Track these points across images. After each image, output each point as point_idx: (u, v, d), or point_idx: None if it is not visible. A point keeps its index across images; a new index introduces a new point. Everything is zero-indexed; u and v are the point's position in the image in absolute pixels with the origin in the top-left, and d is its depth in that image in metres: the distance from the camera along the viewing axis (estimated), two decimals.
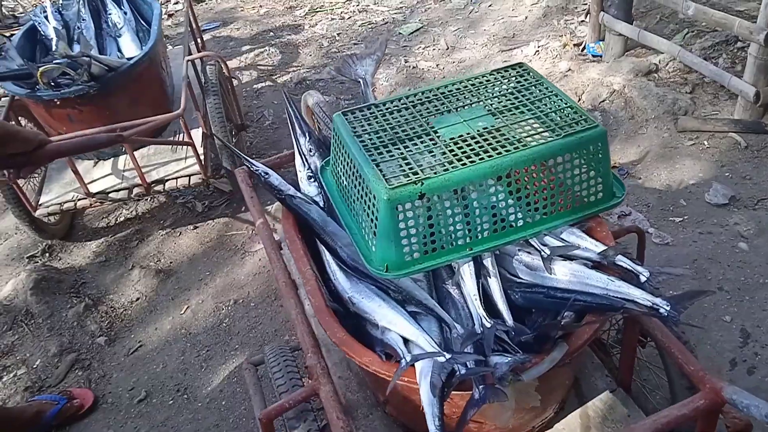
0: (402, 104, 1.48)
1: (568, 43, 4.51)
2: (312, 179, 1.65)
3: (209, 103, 3.16)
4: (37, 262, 3.32)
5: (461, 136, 1.33)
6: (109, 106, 2.98)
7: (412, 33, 5.15)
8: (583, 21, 4.79)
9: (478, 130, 1.34)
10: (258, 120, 4.29)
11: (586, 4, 4.94)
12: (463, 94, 1.49)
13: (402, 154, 1.32)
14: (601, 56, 4.27)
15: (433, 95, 1.50)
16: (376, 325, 1.34)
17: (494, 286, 1.31)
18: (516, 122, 1.35)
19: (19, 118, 3.13)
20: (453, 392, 1.17)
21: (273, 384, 1.72)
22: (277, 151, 3.92)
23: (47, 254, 3.37)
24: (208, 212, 3.52)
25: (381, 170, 1.28)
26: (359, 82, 1.82)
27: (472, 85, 1.51)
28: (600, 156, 1.30)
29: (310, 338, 1.39)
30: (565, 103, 1.37)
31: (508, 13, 5.23)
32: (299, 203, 1.58)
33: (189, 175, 3.10)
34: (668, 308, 1.15)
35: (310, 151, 1.69)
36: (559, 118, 1.33)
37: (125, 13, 3.39)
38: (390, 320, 1.31)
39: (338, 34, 5.35)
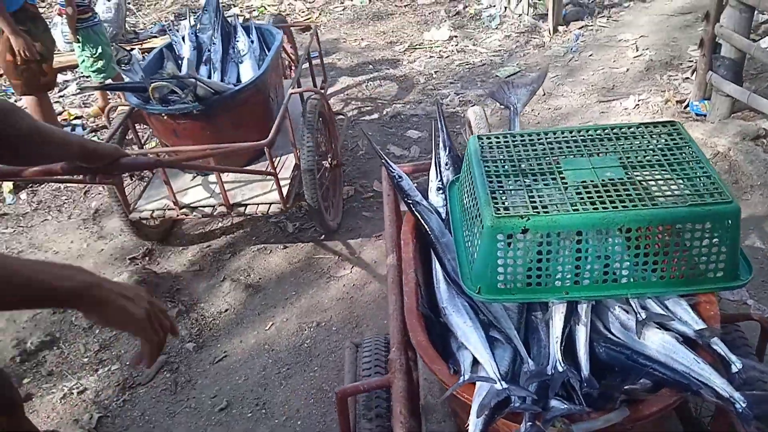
0: (538, 139, 1.51)
1: (671, 99, 4.42)
2: (440, 191, 1.74)
3: (303, 136, 3.22)
4: (138, 264, 3.53)
5: (584, 182, 1.33)
6: (212, 127, 3.16)
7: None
8: (687, 78, 4.70)
9: (603, 180, 1.33)
10: (352, 149, 4.42)
11: (692, 61, 4.84)
12: (602, 140, 1.48)
13: (521, 187, 1.36)
14: (705, 115, 4.15)
15: (571, 136, 1.50)
16: (456, 339, 1.39)
17: (581, 334, 1.30)
18: (645, 179, 1.33)
19: (136, 125, 3.42)
20: (510, 422, 1.19)
21: (360, 366, 1.81)
22: (368, 182, 4.02)
23: (147, 258, 3.57)
24: (298, 234, 3.64)
25: (494, 198, 1.32)
26: (509, 108, 1.86)
27: (614, 133, 1.50)
28: (729, 233, 1.25)
29: (399, 335, 1.47)
30: (705, 172, 1.33)
31: (609, 64, 5.19)
32: (422, 210, 1.67)
33: (269, 203, 3.20)
34: (744, 405, 1.09)
35: (446, 164, 1.77)
36: (692, 185, 1.30)
37: (252, 42, 3.59)
38: (468, 338, 1.35)
39: (435, 72, 5.46)
